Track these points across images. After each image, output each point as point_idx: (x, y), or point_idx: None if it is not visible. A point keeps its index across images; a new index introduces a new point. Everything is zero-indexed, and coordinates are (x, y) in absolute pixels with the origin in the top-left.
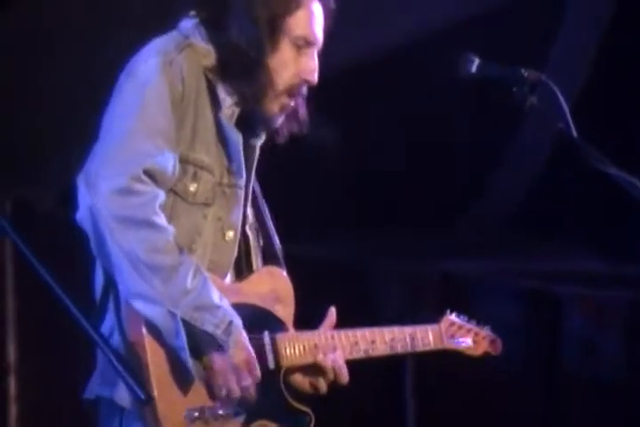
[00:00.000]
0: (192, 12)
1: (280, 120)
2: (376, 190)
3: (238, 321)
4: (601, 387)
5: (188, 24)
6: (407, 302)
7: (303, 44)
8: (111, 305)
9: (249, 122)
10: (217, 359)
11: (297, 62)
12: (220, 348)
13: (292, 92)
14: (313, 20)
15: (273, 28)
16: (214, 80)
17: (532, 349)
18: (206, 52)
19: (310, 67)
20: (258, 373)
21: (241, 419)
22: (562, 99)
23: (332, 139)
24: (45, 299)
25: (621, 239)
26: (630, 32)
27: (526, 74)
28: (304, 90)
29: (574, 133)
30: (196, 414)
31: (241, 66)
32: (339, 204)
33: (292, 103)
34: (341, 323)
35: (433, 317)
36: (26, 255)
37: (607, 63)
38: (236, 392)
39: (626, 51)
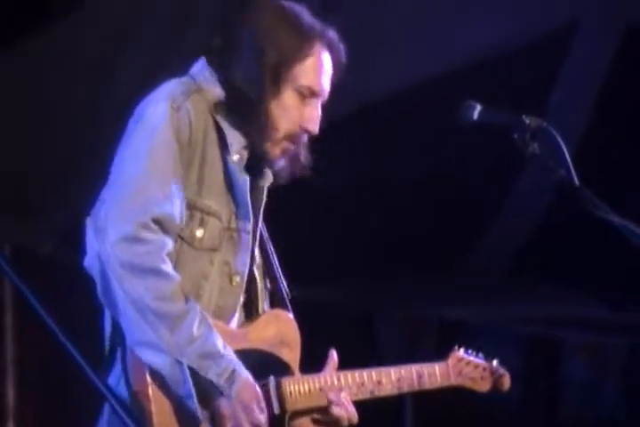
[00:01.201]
0: (203, 57)
1: (282, 163)
2: (378, 236)
3: (241, 369)
4: None
5: (199, 67)
6: (406, 344)
7: (308, 93)
8: (118, 354)
9: (257, 164)
10: (224, 403)
11: (299, 111)
12: (225, 395)
13: (292, 138)
14: (321, 71)
15: (277, 75)
16: (222, 122)
17: (532, 393)
18: (214, 95)
19: (312, 117)
20: (265, 408)
21: None
22: (563, 146)
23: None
24: (45, 342)
25: (621, 286)
26: (629, 79)
27: (527, 120)
28: (305, 137)
29: (576, 181)
30: None
31: (243, 106)
32: (341, 249)
33: (293, 148)
34: (343, 363)
35: (431, 359)
36: (27, 298)
37: (607, 110)
38: None
39: (625, 97)
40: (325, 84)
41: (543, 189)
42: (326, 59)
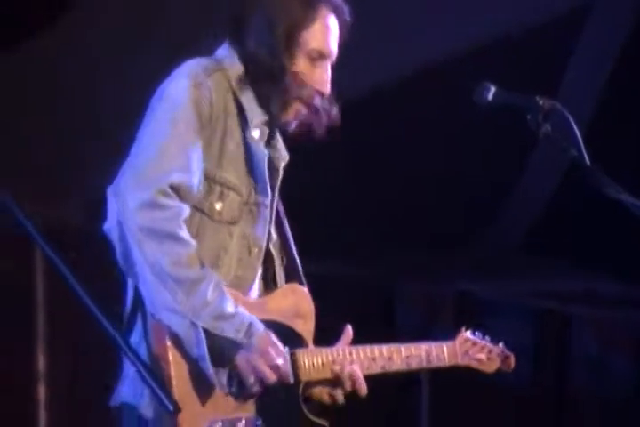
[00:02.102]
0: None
1: (293, 125)
2: (398, 216)
3: (257, 323)
4: (609, 404)
5: (221, 48)
6: (423, 319)
7: (317, 56)
8: (139, 318)
9: (274, 143)
10: (242, 355)
11: (311, 73)
12: (244, 349)
13: (305, 100)
14: (328, 34)
15: (289, 40)
16: (242, 98)
17: (542, 366)
18: (235, 71)
19: (323, 78)
20: (283, 350)
21: None
22: (575, 126)
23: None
24: (73, 309)
25: (632, 262)
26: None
27: (541, 102)
28: (317, 100)
29: (587, 160)
30: (216, 426)
31: (261, 75)
32: (365, 227)
33: (305, 111)
34: (361, 338)
35: (448, 333)
36: (56, 266)
37: (619, 91)
38: (270, 375)
39: (637, 79)
40: (333, 45)
41: (556, 168)
42: (332, 22)
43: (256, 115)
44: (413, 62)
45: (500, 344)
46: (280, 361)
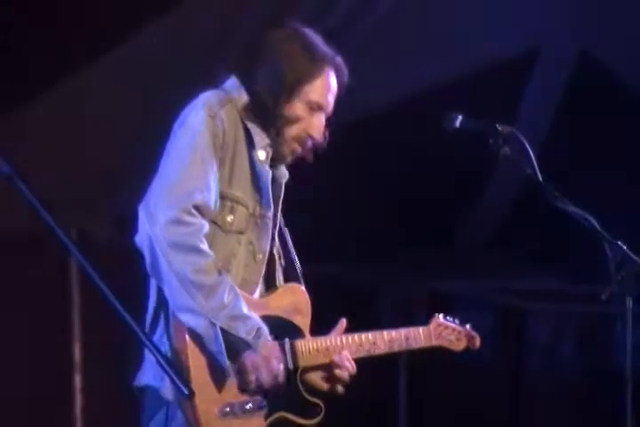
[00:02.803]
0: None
1: (289, 160)
2: (379, 220)
3: (264, 328)
4: (559, 385)
5: (229, 81)
6: (401, 313)
7: (315, 107)
8: (162, 318)
9: (277, 163)
10: (248, 356)
11: (308, 120)
12: (251, 349)
13: (299, 142)
14: (328, 90)
15: (292, 90)
16: (249, 124)
17: (501, 353)
18: (242, 102)
19: (317, 126)
20: (282, 361)
21: (264, 412)
22: (529, 149)
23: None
24: (105, 307)
25: (577, 263)
26: (583, 94)
27: (500, 128)
28: (309, 143)
29: (540, 177)
30: (228, 409)
31: (265, 112)
32: (342, 233)
33: (300, 150)
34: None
35: (420, 323)
36: (89, 274)
37: (567, 118)
38: (267, 380)
39: (581, 108)
40: (330, 101)
41: (513, 184)
42: (333, 80)
43: (261, 138)
44: (393, 94)
45: (468, 326)
46: (280, 368)
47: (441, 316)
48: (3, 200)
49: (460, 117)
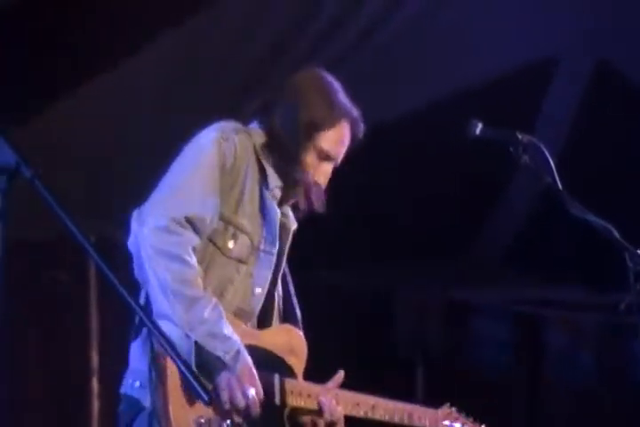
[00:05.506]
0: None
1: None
2: (395, 232)
3: (244, 352)
4: (576, 393)
5: (253, 124)
6: (416, 322)
7: (325, 157)
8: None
9: (285, 210)
10: (224, 377)
11: (316, 167)
12: (227, 369)
13: (304, 186)
14: (340, 142)
15: (307, 136)
16: (264, 162)
17: (518, 361)
18: (258, 139)
19: (324, 174)
20: (259, 384)
21: None
22: (549, 157)
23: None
24: (122, 314)
25: (596, 273)
26: (602, 104)
27: (520, 137)
28: (313, 190)
29: (559, 186)
30: (203, 420)
31: (280, 152)
32: (364, 241)
33: (303, 204)
34: (358, 342)
35: (438, 334)
36: (107, 276)
37: (585, 128)
38: (241, 401)
39: (598, 118)
40: (341, 153)
41: (533, 192)
42: (346, 133)
43: (274, 178)
44: (415, 102)
45: (483, 426)
46: (252, 392)
47: (453, 408)
48: (22, 205)
49: (480, 125)
